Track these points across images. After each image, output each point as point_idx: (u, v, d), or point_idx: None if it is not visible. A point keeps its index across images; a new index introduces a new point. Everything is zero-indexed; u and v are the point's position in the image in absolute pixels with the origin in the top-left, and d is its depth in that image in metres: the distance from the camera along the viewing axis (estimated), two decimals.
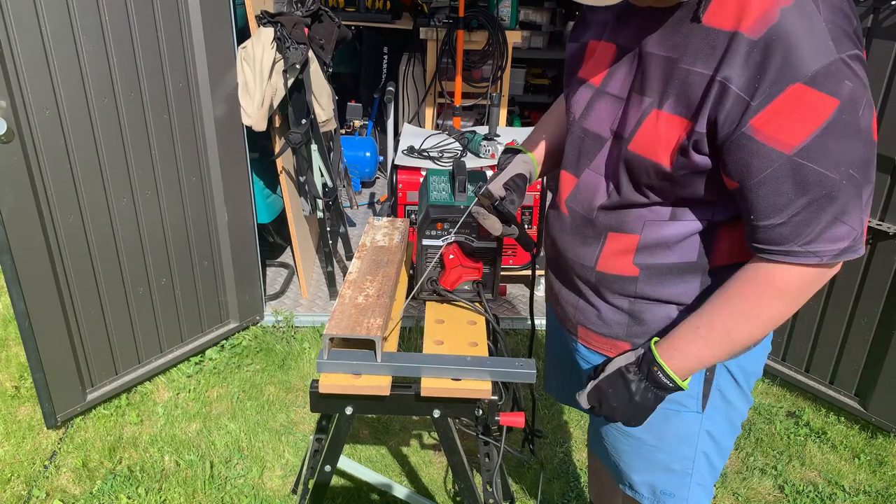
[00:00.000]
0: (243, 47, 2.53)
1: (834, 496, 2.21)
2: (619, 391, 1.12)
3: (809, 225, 0.94)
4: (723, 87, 0.93)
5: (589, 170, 1.16)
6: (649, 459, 1.29)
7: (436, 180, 1.55)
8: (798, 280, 0.99)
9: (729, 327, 1.04)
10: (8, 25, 1.88)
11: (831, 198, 0.92)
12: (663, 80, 1.01)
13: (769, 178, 0.93)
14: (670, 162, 1.01)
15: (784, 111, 0.89)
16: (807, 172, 0.91)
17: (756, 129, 0.91)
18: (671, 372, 1.08)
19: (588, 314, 1.24)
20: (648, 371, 1.10)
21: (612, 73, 1.12)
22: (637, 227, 1.12)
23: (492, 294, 1.48)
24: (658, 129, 1.02)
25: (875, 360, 2.37)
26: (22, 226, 2.03)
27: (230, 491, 2.16)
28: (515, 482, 2.23)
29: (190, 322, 2.70)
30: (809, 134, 0.89)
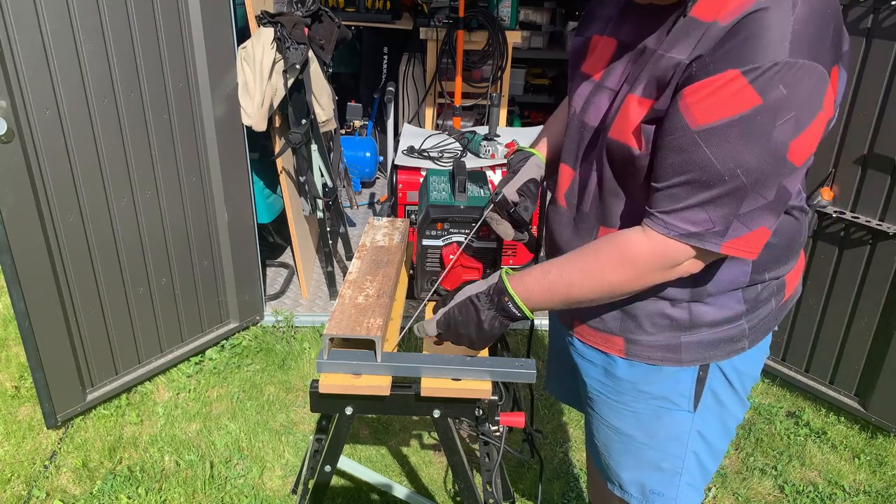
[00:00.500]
0: (243, 47, 2.53)
1: (834, 496, 2.21)
2: (468, 318, 1.17)
3: (678, 201, 0.96)
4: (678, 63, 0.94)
5: (585, 162, 1.17)
6: (639, 457, 1.30)
7: (436, 180, 1.55)
8: (647, 254, 1.01)
9: (573, 280, 1.08)
10: (8, 25, 1.88)
11: (707, 185, 0.93)
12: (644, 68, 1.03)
13: (667, 143, 0.95)
14: (637, 143, 1.02)
15: (711, 90, 0.89)
16: (697, 153, 0.92)
17: (683, 97, 0.92)
18: (521, 302, 1.12)
19: (582, 308, 1.24)
20: (499, 300, 1.14)
21: (612, 69, 1.12)
22: (626, 222, 1.12)
23: None
24: (628, 112, 1.03)
25: (875, 360, 2.37)
26: (22, 226, 2.04)
27: (230, 491, 2.16)
28: (515, 482, 2.23)
29: (190, 322, 2.70)
30: (718, 119, 0.89)
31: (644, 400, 1.24)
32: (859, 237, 2.32)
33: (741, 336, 1.19)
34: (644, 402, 1.24)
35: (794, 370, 2.64)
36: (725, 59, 0.89)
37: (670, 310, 1.16)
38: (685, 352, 1.18)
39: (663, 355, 1.19)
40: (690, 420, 1.24)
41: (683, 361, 1.19)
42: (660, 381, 1.21)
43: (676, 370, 1.20)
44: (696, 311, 1.16)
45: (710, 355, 1.19)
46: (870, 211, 2.27)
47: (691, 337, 1.17)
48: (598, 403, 1.31)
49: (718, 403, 1.24)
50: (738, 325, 1.18)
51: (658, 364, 1.20)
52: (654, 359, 1.20)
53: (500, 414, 1.33)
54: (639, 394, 1.24)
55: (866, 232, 2.30)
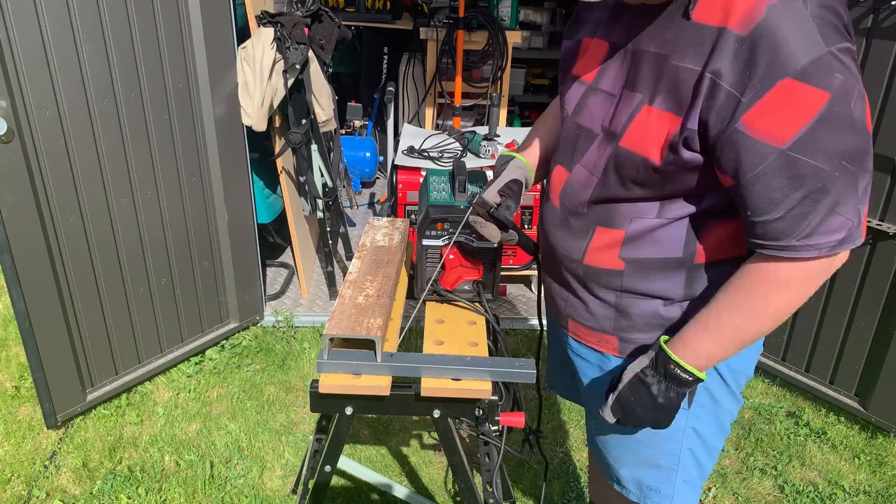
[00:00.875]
0: (243, 47, 2.53)
1: (834, 496, 2.21)
2: (641, 397, 1.12)
3: (805, 218, 0.94)
4: (713, 84, 0.93)
5: (580, 165, 1.17)
6: (635, 454, 1.31)
7: (436, 180, 1.55)
8: (803, 273, 0.99)
9: (736, 322, 1.04)
10: (8, 25, 1.88)
11: (825, 190, 0.93)
12: (654, 76, 1.02)
13: (763, 173, 0.94)
14: (660, 157, 1.02)
15: (775, 106, 0.90)
16: (800, 166, 0.91)
17: (748, 124, 0.92)
18: (688, 365, 1.08)
19: (577, 307, 1.25)
20: (665, 370, 1.10)
21: (605, 70, 1.13)
22: (624, 222, 1.13)
23: (492, 294, 1.48)
24: (649, 124, 1.02)
25: (875, 360, 2.37)
26: (22, 226, 2.03)
27: (230, 491, 2.16)
28: (515, 482, 2.23)
29: (190, 322, 2.70)
30: (801, 127, 0.90)
31: None
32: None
33: None
34: None
35: (794, 370, 2.64)
36: (770, 71, 0.89)
37: (663, 309, 1.16)
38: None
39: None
40: (685, 417, 1.24)
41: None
42: None
43: None
44: (688, 310, 1.16)
45: None
46: (870, 211, 2.27)
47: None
48: (594, 400, 1.32)
49: (713, 401, 1.25)
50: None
51: None
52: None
53: (500, 414, 1.33)
54: None
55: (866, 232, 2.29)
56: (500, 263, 1.46)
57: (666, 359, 1.09)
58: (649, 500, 1.33)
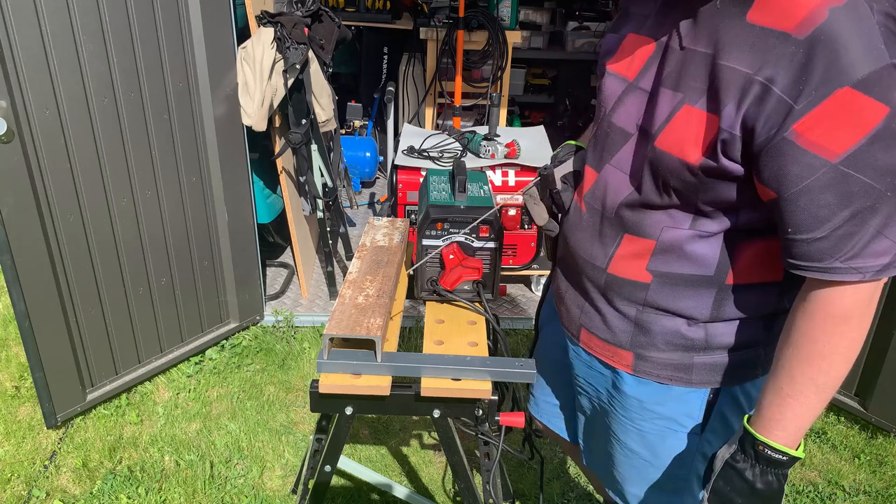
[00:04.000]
0: (243, 47, 2.53)
1: (834, 496, 2.21)
2: (737, 485, 1.02)
3: (851, 239, 0.88)
4: (764, 89, 0.88)
5: (610, 165, 1.11)
6: (642, 474, 1.27)
7: (436, 180, 1.56)
8: (854, 300, 0.92)
9: (811, 374, 0.95)
10: (8, 25, 1.88)
11: (875, 210, 0.86)
12: (699, 76, 0.97)
13: (810, 187, 0.87)
14: (697, 160, 0.96)
15: (830, 116, 0.84)
16: (852, 182, 0.85)
17: (799, 133, 0.86)
18: (778, 444, 0.99)
19: (593, 318, 1.21)
20: (755, 452, 1.00)
21: (647, 68, 1.07)
22: (655, 231, 1.07)
23: (492, 294, 1.48)
24: (688, 125, 0.97)
25: (875, 360, 2.37)
26: (22, 226, 2.03)
27: (230, 491, 2.16)
28: (515, 482, 2.23)
29: (190, 322, 2.70)
30: (857, 141, 0.83)
31: (650, 419, 1.20)
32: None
33: (756, 362, 1.13)
34: (650, 422, 1.20)
35: None
36: (827, 79, 0.83)
37: (686, 329, 1.11)
38: (697, 373, 1.14)
39: (673, 374, 1.15)
40: (696, 443, 1.20)
41: (694, 382, 1.14)
42: (668, 401, 1.17)
43: (686, 391, 1.15)
44: (712, 332, 1.10)
45: (723, 380, 1.14)
46: None
47: (705, 358, 1.12)
48: (605, 415, 1.28)
49: (726, 427, 1.19)
50: (755, 351, 1.12)
51: (667, 383, 1.15)
52: (663, 377, 1.15)
53: (500, 414, 1.33)
54: (645, 412, 1.20)
55: None
56: (500, 263, 1.46)
57: (753, 440, 1.00)
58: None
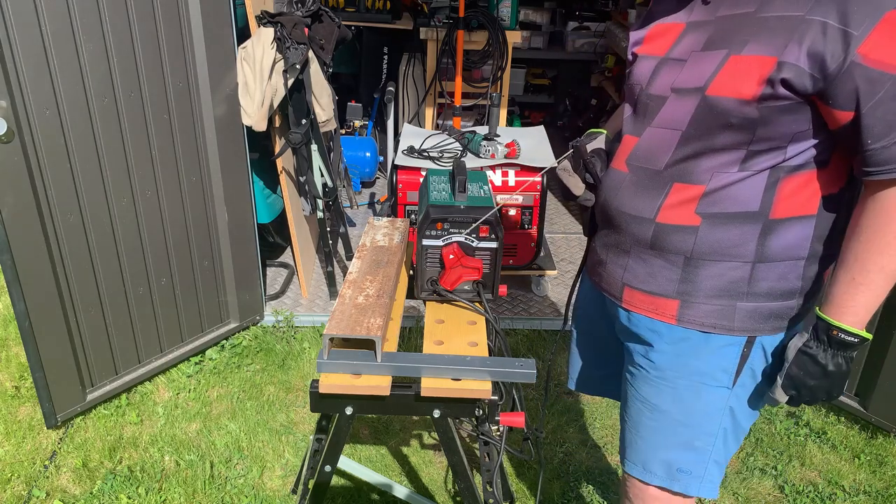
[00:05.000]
0: (243, 47, 2.53)
1: (834, 496, 2.21)
2: (810, 369, 1.14)
3: None
4: (823, 25, 1.00)
5: (651, 127, 1.21)
6: (671, 435, 1.31)
7: (436, 180, 1.56)
8: None
9: (882, 264, 1.07)
10: (8, 25, 1.88)
11: None
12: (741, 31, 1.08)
13: (882, 99, 1.00)
14: (754, 95, 1.06)
15: (886, 36, 0.98)
16: None
17: (863, 55, 0.99)
18: (850, 327, 1.11)
19: (637, 272, 1.26)
20: (829, 338, 1.12)
21: (679, 42, 1.19)
22: (705, 177, 1.15)
23: (492, 294, 1.48)
24: (740, 70, 1.07)
25: (875, 360, 2.37)
26: (22, 226, 2.03)
27: (230, 491, 2.16)
28: (515, 482, 2.23)
29: (190, 322, 2.70)
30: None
31: (686, 376, 1.26)
32: None
33: (787, 314, 1.22)
34: (686, 378, 1.26)
35: None
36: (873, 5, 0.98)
37: (731, 272, 1.18)
38: (738, 319, 1.21)
39: (717, 322, 1.21)
40: (727, 397, 1.26)
41: (735, 330, 1.21)
42: (706, 354, 1.24)
43: (724, 343, 1.22)
44: (755, 275, 1.18)
45: (760, 328, 1.21)
46: None
47: (746, 304, 1.20)
48: (637, 379, 1.33)
49: (754, 381, 1.27)
50: (788, 304, 1.21)
51: (710, 332, 1.22)
52: (707, 325, 1.22)
53: (500, 414, 1.33)
54: (682, 368, 1.26)
55: None
56: (500, 263, 1.46)
57: (827, 326, 1.12)
58: (677, 482, 1.33)
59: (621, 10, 4.71)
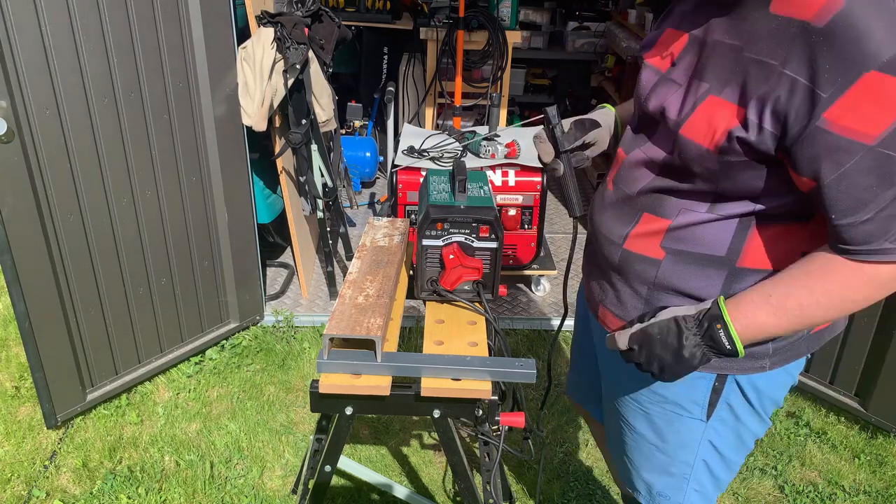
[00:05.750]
0: (243, 47, 2.53)
1: (834, 496, 2.21)
2: (668, 340, 1.05)
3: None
4: (791, 81, 0.90)
5: (639, 149, 1.16)
6: (649, 458, 1.30)
7: (436, 180, 1.56)
8: (891, 273, 0.94)
9: (805, 303, 0.98)
10: (8, 25, 1.88)
11: None
12: (726, 67, 0.99)
13: (850, 171, 0.89)
14: (718, 149, 0.99)
15: (861, 100, 0.85)
16: (892, 163, 0.87)
17: (830, 121, 0.87)
18: (735, 332, 1.01)
19: (609, 294, 1.25)
20: (709, 327, 1.03)
21: (679, 60, 1.11)
22: (672, 212, 1.11)
23: (492, 294, 1.48)
24: (712, 114, 0.99)
25: (875, 360, 2.37)
26: (22, 226, 2.03)
27: (230, 491, 2.16)
28: (515, 482, 2.23)
29: (190, 322, 2.70)
30: (890, 122, 0.85)
31: (657, 403, 1.23)
32: None
33: (763, 354, 1.15)
34: (657, 406, 1.24)
35: None
36: (852, 64, 0.85)
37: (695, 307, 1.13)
38: None
39: None
40: (702, 429, 1.22)
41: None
42: (674, 385, 1.18)
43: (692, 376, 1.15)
44: None
45: (727, 366, 1.16)
46: None
47: None
48: (615, 396, 1.33)
49: (734, 417, 1.21)
50: (763, 345, 1.13)
51: None
52: None
53: (500, 414, 1.33)
54: (652, 395, 1.23)
55: None
56: (500, 263, 1.46)
57: (717, 316, 1.03)
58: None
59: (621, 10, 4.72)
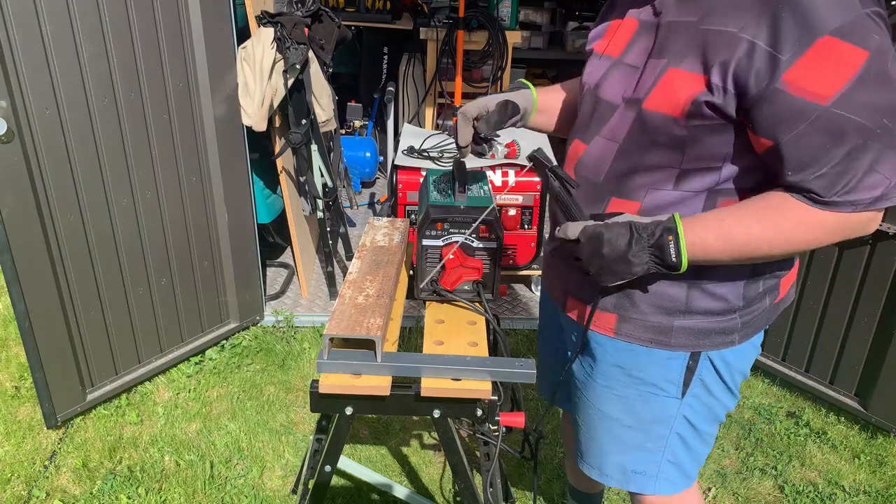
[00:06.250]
0: (243, 47, 2.53)
1: (834, 496, 2.21)
2: (618, 240, 1.06)
3: (846, 175, 0.96)
4: (750, 45, 0.95)
5: (599, 137, 1.18)
6: (623, 440, 1.32)
7: (436, 180, 1.56)
8: (837, 221, 1.00)
9: (753, 232, 1.02)
10: (8, 25, 1.88)
11: (867, 147, 0.94)
12: (683, 41, 1.04)
13: (806, 130, 0.95)
14: (684, 114, 1.03)
15: (816, 63, 0.91)
16: (844, 122, 0.93)
17: (789, 83, 0.93)
18: (684, 246, 1.04)
19: (579, 282, 1.26)
20: (660, 236, 1.05)
21: (632, 45, 1.15)
22: (640, 194, 1.13)
23: (492, 294, 1.48)
24: (674, 85, 1.03)
25: (875, 360, 2.37)
26: (22, 226, 2.03)
27: (230, 491, 2.16)
28: (515, 482, 2.23)
29: (190, 322, 2.70)
30: (844, 84, 0.91)
31: (632, 385, 1.26)
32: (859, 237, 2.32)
33: (733, 329, 1.20)
34: (633, 388, 1.26)
35: (794, 370, 2.64)
36: (808, 29, 0.91)
37: (669, 289, 1.17)
38: (676, 336, 1.19)
39: (654, 337, 1.20)
40: (677, 406, 1.26)
41: (673, 346, 1.20)
42: (649, 367, 1.23)
43: (667, 356, 1.21)
44: (693, 295, 1.16)
45: (701, 344, 1.20)
46: None
47: (684, 322, 1.18)
48: (585, 386, 1.34)
49: (707, 392, 1.26)
50: (732, 319, 1.19)
51: (648, 346, 1.21)
52: (644, 340, 1.21)
53: (500, 414, 1.33)
54: (627, 378, 1.26)
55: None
56: (500, 263, 1.46)
57: (670, 228, 1.05)
58: (633, 483, 1.35)
59: None
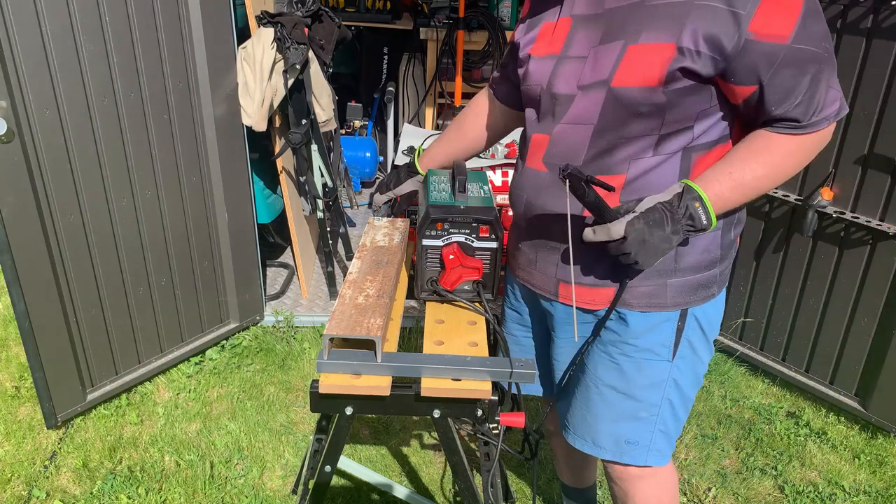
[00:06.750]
0: (243, 47, 2.53)
1: (834, 496, 2.21)
2: (658, 225, 1.13)
3: (815, 97, 1.11)
4: (712, 10, 1.06)
5: (563, 124, 1.24)
6: (617, 409, 1.36)
7: (436, 180, 1.55)
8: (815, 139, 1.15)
9: (758, 174, 1.15)
10: (8, 25, 1.88)
11: (821, 70, 1.10)
12: (632, 21, 1.13)
13: (778, 68, 1.09)
14: (662, 83, 1.12)
15: (771, 10, 1.06)
16: (803, 54, 1.08)
17: (755, 32, 1.06)
18: (711, 206, 1.14)
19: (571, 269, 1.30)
20: (688, 207, 1.14)
21: (571, 39, 1.23)
22: (623, 167, 1.20)
23: (492, 294, 1.48)
24: (639, 58, 1.13)
25: (875, 360, 2.37)
26: (22, 226, 2.03)
27: (230, 491, 2.16)
28: (515, 482, 2.23)
29: (190, 322, 2.70)
30: (795, 22, 1.06)
31: (628, 353, 1.32)
32: (859, 237, 2.32)
33: (713, 281, 1.31)
34: (628, 356, 1.32)
35: (794, 370, 2.64)
36: None
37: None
38: (670, 296, 1.27)
39: (650, 301, 1.28)
40: (668, 369, 1.32)
41: (668, 306, 1.28)
42: (645, 333, 1.30)
43: (661, 320, 1.29)
44: (681, 252, 1.25)
45: (690, 300, 1.29)
46: (870, 211, 2.27)
47: (676, 280, 1.27)
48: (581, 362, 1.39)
49: (692, 351, 1.34)
50: (712, 272, 1.30)
51: (646, 311, 1.28)
52: (642, 306, 1.28)
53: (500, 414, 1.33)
54: (624, 346, 1.31)
55: (866, 232, 2.29)
56: (500, 263, 1.46)
57: (694, 196, 1.14)
58: (626, 455, 1.39)
59: None
